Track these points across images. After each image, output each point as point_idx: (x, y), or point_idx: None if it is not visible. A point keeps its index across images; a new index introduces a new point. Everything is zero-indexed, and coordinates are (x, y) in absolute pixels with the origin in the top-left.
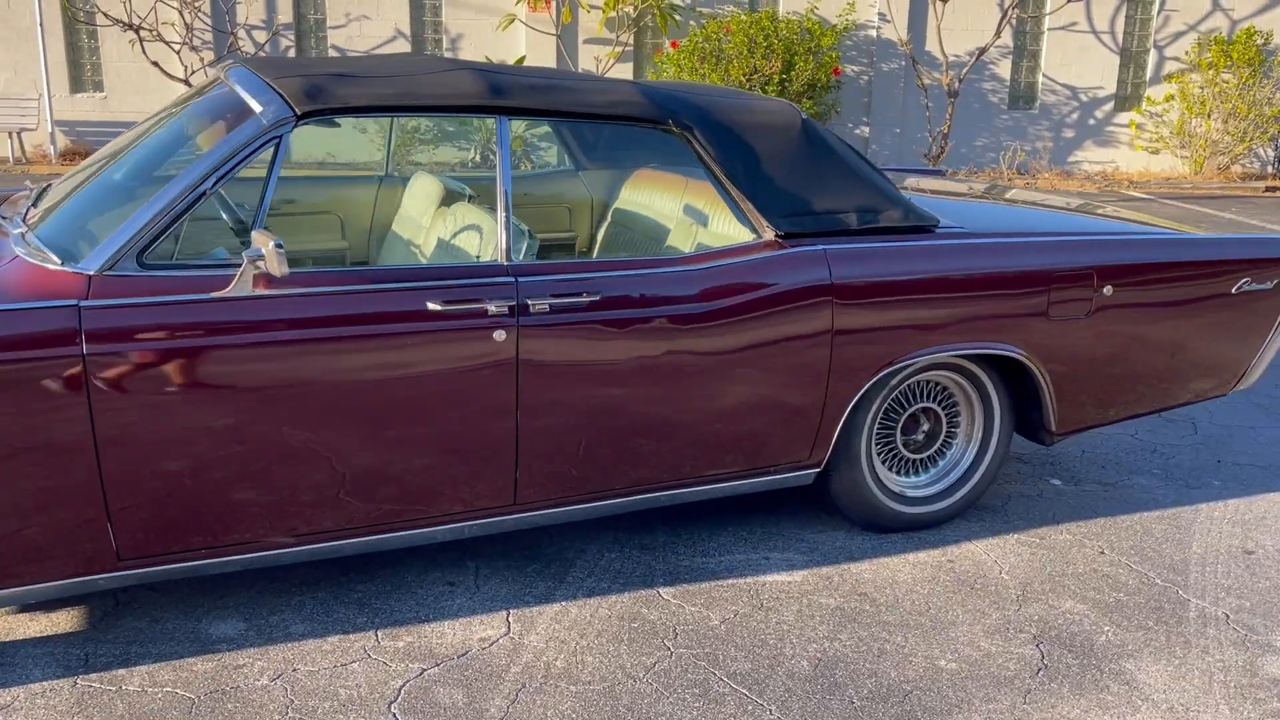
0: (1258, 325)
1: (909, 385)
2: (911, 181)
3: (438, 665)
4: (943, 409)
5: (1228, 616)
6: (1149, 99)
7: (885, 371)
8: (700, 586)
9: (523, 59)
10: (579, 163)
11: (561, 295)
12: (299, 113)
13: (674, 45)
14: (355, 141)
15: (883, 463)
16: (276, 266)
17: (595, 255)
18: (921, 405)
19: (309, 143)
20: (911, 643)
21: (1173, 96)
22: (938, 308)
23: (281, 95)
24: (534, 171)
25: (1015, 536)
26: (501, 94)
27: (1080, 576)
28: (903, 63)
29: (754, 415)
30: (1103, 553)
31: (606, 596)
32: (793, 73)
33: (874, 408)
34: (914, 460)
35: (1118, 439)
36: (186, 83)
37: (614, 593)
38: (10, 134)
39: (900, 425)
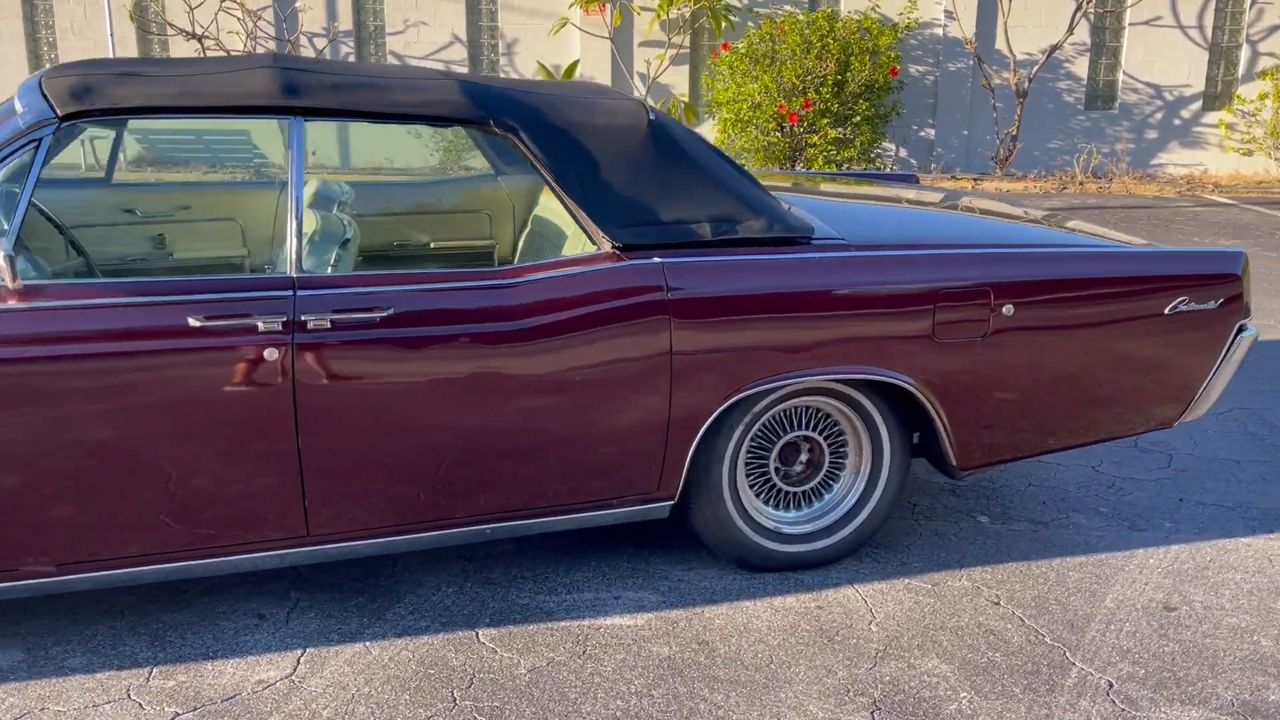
0: (1201, 350)
1: (783, 411)
2: (874, 190)
3: (195, 710)
4: (825, 438)
5: (1110, 685)
6: (1240, 97)
7: (738, 397)
8: (526, 629)
9: (575, 64)
10: (497, 167)
11: (346, 310)
12: (60, 114)
13: (725, 47)
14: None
15: (757, 496)
16: (9, 279)
17: (515, 262)
18: (800, 433)
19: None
20: (731, 703)
21: (1266, 95)
22: (799, 328)
23: (46, 97)
24: (458, 177)
25: (905, 581)
26: (295, 93)
27: (959, 631)
28: (970, 62)
29: (587, 444)
30: (997, 603)
31: (418, 637)
32: (849, 74)
33: (736, 435)
34: (795, 494)
35: (1074, 470)
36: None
37: (429, 633)
38: (83, 141)
39: (775, 455)
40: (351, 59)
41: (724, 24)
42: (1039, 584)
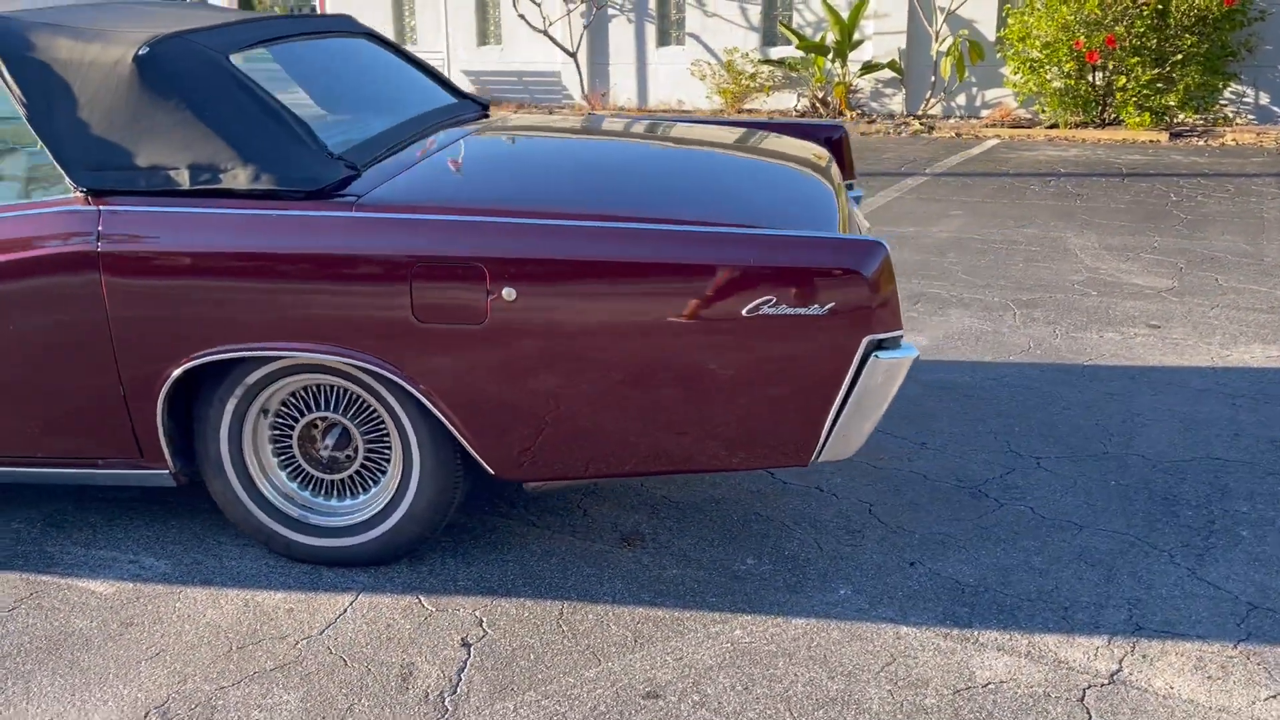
0: (809, 370)
1: (310, 389)
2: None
3: None
4: (360, 425)
5: None
6: None
7: (189, 365)
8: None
9: None
10: None
11: None
12: None
13: None
14: None
15: (294, 481)
16: None
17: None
18: (321, 415)
19: None
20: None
21: None
22: (246, 295)
23: None
24: None
25: (404, 600)
26: None
27: (380, 663)
28: None
29: (42, 398)
30: (480, 626)
31: None
32: (1172, 3)
33: (230, 408)
34: (338, 483)
35: (803, 494)
36: (545, 33)
37: None
38: None
39: (297, 437)
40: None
41: None
42: (529, 615)
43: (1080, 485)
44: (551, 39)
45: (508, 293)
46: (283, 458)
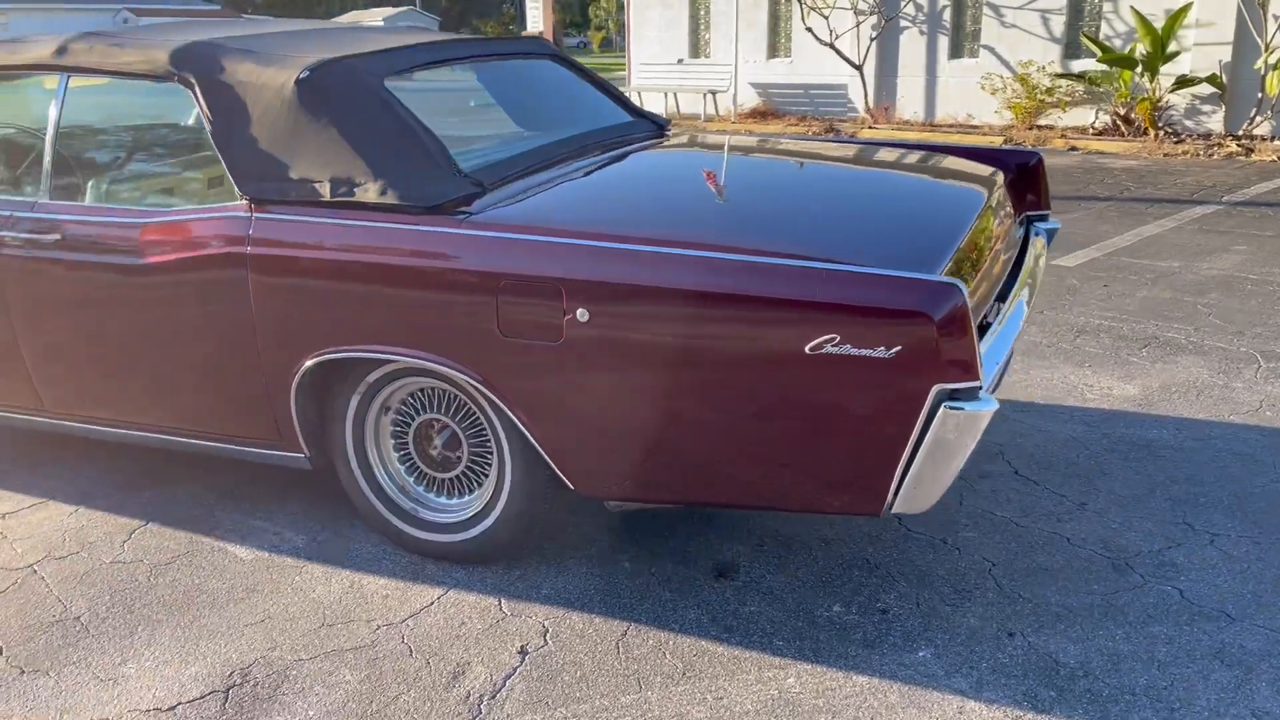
0: (875, 416)
1: (425, 391)
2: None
3: None
4: (465, 429)
5: None
6: None
7: (312, 362)
8: (161, 531)
9: (1185, 9)
10: None
11: (27, 231)
12: None
13: None
14: None
15: (411, 475)
16: None
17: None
18: (435, 416)
19: None
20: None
21: None
22: (358, 300)
23: None
24: None
25: (485, 600)
26: (62, 54)
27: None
28: None
29: (197, 376)
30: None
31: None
32: None
33: (354, 403)
34: (448, 481)
35: (923, 545)
36: (831, 46)
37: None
38: (704, 94)
39: (413, 435)
40: (946, 15)
41: None
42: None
43: (1252, 572)
44: (837, 51)
45: (581, 313)
46: (401, 453)
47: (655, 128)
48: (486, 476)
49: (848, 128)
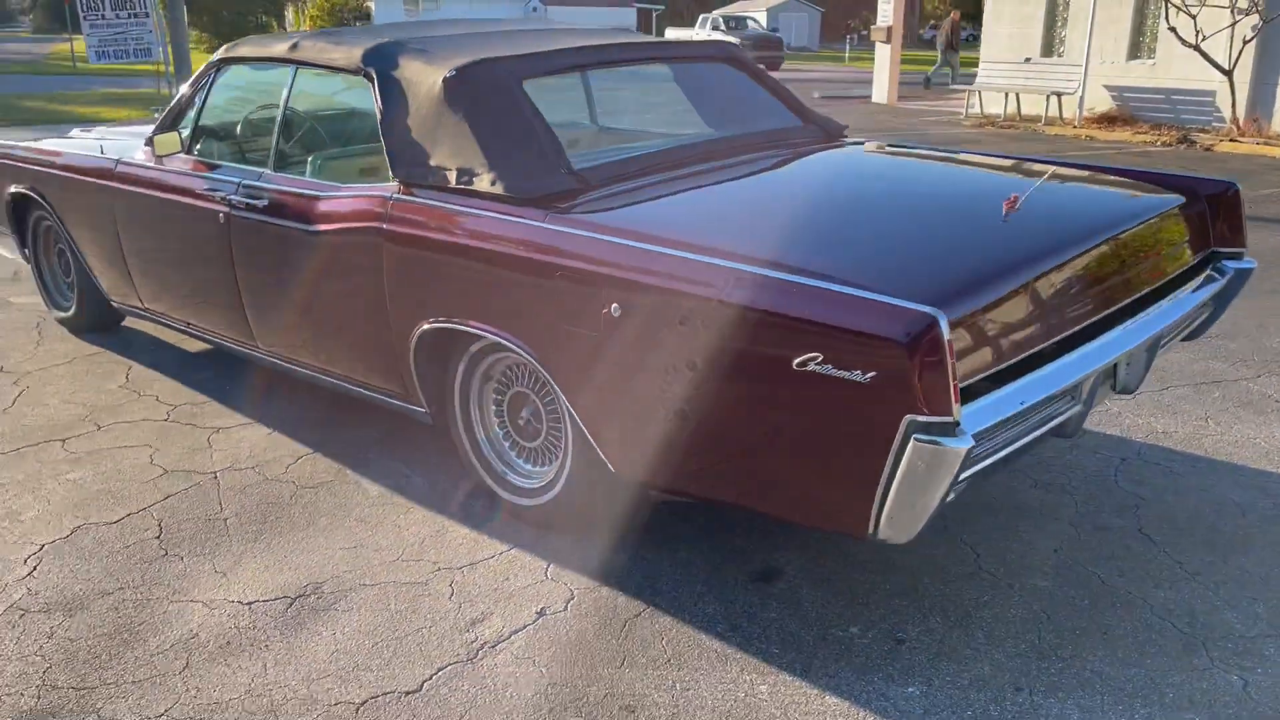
0: (852, 438)
1: (518, 365)
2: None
3: None
4: (543, 400)
5: None
6: None
7: (425, 328)
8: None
9: None
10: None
11: (252, 197)
12: (219, 58)
13: None
14: None
15: (506, 441)
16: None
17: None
18: (520, 389)
19: None
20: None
21: None
22: (454, 279)
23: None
24: None
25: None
26: (295, 49)
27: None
28: None
29: (349, 332)
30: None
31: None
32: None
33: (461, 369)
34: (533, 450)
35: (984, 583)
36: (1196, 48)
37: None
38: (1048, 96)
39: (506, 403)
40: None
41: None
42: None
43: None
44: (1203, 54)
45: (615, 308)
46: (499, 420)
47: (823, 134)
48: (560, 449)
49: (1206, 139)
